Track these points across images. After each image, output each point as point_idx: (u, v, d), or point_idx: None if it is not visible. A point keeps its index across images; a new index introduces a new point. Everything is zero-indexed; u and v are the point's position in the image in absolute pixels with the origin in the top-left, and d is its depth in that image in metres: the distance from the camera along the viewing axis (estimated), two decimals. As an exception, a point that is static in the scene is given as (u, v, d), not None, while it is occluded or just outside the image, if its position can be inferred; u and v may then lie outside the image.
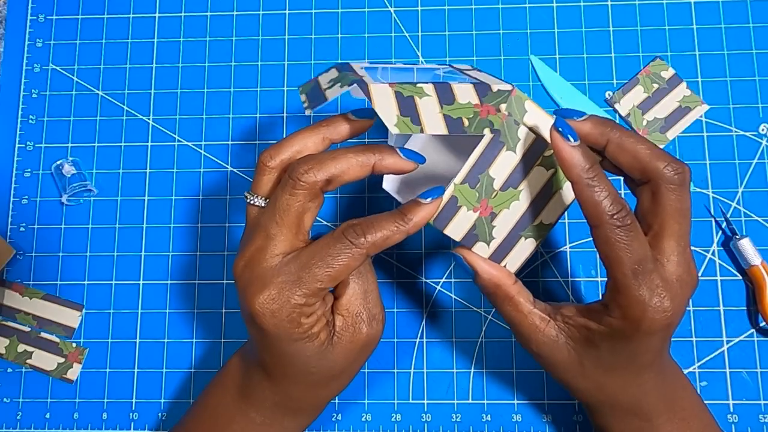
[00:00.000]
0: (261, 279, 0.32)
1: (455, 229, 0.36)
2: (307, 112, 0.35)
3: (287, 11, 0.50)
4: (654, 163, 0.33)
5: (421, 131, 0.33)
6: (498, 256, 0.37)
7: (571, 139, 0.32)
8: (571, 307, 0.35)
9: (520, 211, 0.36)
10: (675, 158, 0.33)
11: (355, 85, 0.33)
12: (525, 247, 0.36)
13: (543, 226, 0.36)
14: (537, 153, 0.35)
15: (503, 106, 0.33)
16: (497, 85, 0.33)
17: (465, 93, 0.33)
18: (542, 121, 0.34)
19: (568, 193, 0.36)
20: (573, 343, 0.35)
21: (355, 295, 0.34)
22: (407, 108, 0.33)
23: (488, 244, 0.36)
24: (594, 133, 0.34)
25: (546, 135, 0.34)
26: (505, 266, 0.37)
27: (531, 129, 0.35)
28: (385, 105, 0.33)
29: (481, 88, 0.33)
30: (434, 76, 0.39)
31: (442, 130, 0.33)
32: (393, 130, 0.33)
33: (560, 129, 0.32)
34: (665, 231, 0.33)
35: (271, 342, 0.33)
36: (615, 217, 0.31)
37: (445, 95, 0.33)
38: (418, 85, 0.33)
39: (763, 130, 0.46)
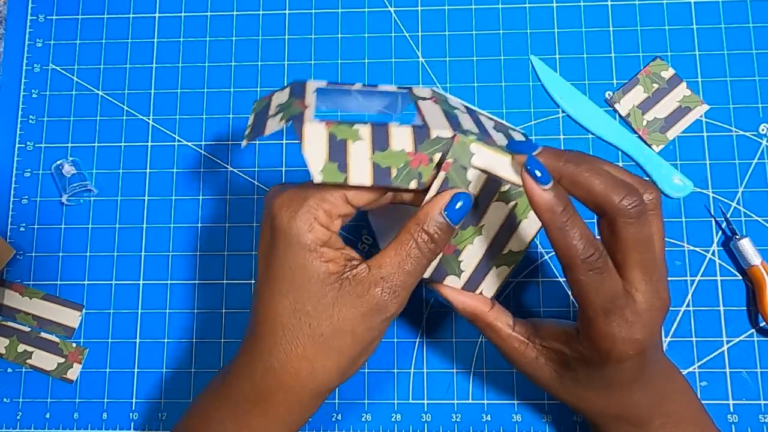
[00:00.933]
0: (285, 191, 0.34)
1: None
2: (243, 144, 0.33)
3: (287, 11, 0.50)
4: (609, 198, 0.31)
5: (345, 181, 0.31)
6: (471, 285, 0.36)
7: (544, 184, 0.31)
8: (548, 329, 0.36)
9: (485, 244, 0.35)
10: (634, 188, 0.31)
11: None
12: (499, 273, 0.36)
13: (513, 253, 0.36)
14: (492, 190, 0.33)
15: (437, 156, 0.32)
16: (437, 131, 0.32)
17: (401, 138, 0.32)
18: (493, 159, 0.33)
19: (533, 221, 0.35)
20: (552, 364, 0.36)
21: (390, 260, 0.33)
22: (337, 153, 0.31)
23: (459, 277, 0.36)
24: (548, 166, 0.32)
25: (499, 172, 0.33)
26: (480, 293, 0.37)
27: (482, 170, 0.33)
28: (315, 148, 0.31)
29: (419, 134, 0.32)
30: (390, 104, 0.37)
31: (367, 181, 0.32)
32: (317, 178, 0.31)
33: (531, 170, 0.31)
34: (628, 263, 0.32)
35: (281, 249, 0.32)
36: (588, 260, 0.31)
37: (380, 140, 0.32)
38: (355, 126, 0.32)
39: (763, 130, 0.46)
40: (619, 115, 0.47)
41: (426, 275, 0.36)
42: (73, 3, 0.51)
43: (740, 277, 0.44)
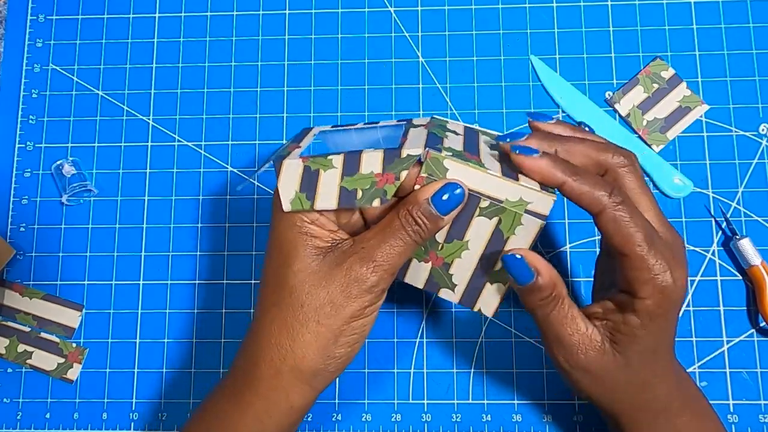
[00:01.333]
0: None
1: (414, 278, 0.36)
2: (239, 187, 0.36)
3: (287, 11, 0.50)
4: (603, 156, 0.34)
5: (311, 207, 0.33)
6: (467, 300, 0.36)
7: (533, 154, 0.32)
8: (596, 308, 0.35)
9: (474, 258, 0.35)
10: (614, 146, 0.34)
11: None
12: (496, 290, 0.36)
13: (504, 271, 0.35)
14: (472, 206, 0.33)
15: (404, 173, 0.32)
16: (408, 150, 0.32)
17: (371, 161, 0.33)
18: (468, 174, 0.33)
19: (521, 238, 0.34)
20: (616, 345, 0.34)
21: (373, 234, 0.33)
22: (308, 183, 0.33)
23: (453, 290, 0.36)
24: (542, 148, 0.34)
25: (475, 187, 0.33)
26: (479, 310, 0.36)
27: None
28: (289, 181, 0.34)
29: (389, 155, 0.33)
30: (389, 137, 0.38)
31: (333, 205, 0.33)
32: (286, 207, 0.33)
33: (517, 150, 0.33)
34: (641, 208, 0.33)
35: (275, 226, 0.34)
36: (612, 197, 0.32)
37: (351, 166, 0.33)
38: (329, 156, 0.33)
39: (763, 130, 0.46)
40: (619, 115, 0.47)
41: (419, 285, 0.36)
42: (73, 3, 0.51)
43: (740, 277, 0.44)
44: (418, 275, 0.36)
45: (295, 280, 0.33)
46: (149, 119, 0.49)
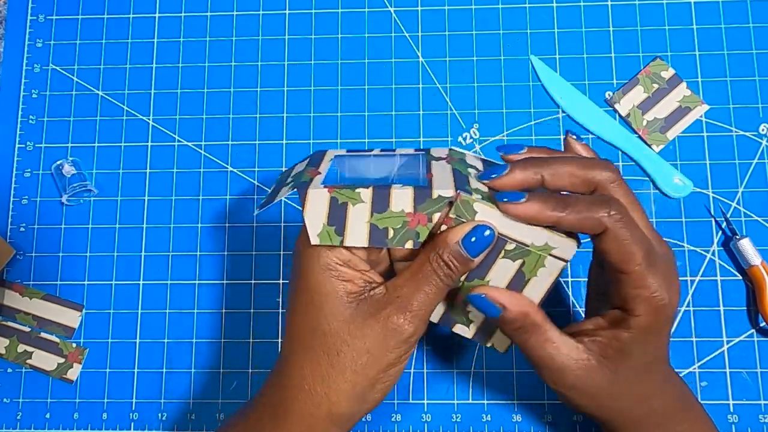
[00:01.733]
0: None
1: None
2: (256, 212, 0.34)
3: (287, 11, 0.50)
4: (590, 174, 0.33)
5: (341, 243, 0.32)
6: (481, 337, 0.36)
7: (519, 200, 0.31)
8: (592, 323, 0.34)
9: None
10: (599, 161, 0.34)
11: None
12: None
13: None
14: (499, 248, 0.33)
15: (437, 215, 0.32)
16: (439, 190, 0.32)
17: (401, 199, 0.32)
18: (495, 217, 0.32)
19: (542, 279, 0.34)
20: (606, 360, 0.33)
21: (406, 281, 0.33)
22: (336, 216, 0.32)
23: (468, 326, 0.36)
24: (528, 178, 0.33)
25: (503, 231, 0.32)
26: (492, 345, 0.36)
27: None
28: (316, 212, 0.32)
29: (420, 194, 0.32)
30: (407, 166, 0.37)
31: (364, 243, 0.32)
32: (314, 240, 0.32)
33: (504, 199, 0.32)
34: (633, 223, 0.33)
35: (303, 270, 0.33)
36: (611, 216, 0.31)
37: (380, 202, 0.32)
38: (357, 189, 0.32)
39: (763, 130, 0.46)
40: (619, 115, 0.47)
41: (435, 320, 0.36)
42: (73, 3, 0.51)
43: (740, 277, 0.44)
44: (435, 311, 0.35)
45: (329, 326, 0.32)
46: (149, 119, 0.49)
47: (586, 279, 0.39)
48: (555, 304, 0.44)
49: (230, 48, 0.50)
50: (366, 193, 0.32)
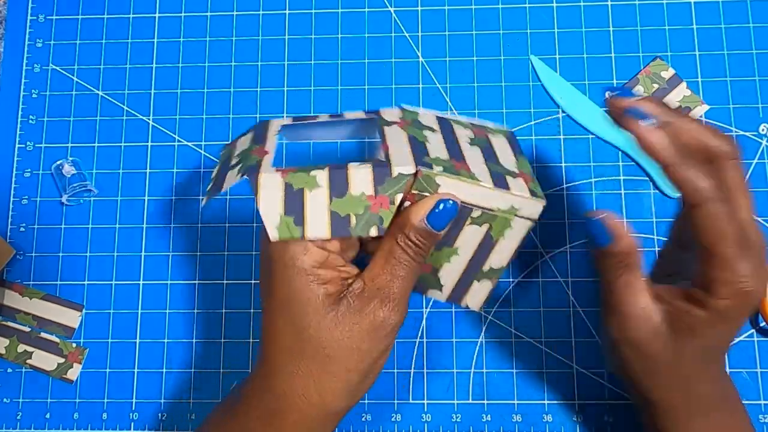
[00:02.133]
0: None
1: None
2: (203, 202, 0.32)
3: (287, 11, 0.50)
4: (714, 142, 0.31)
5: (302, 236, 0.31)
6: (455, 298, 0.36)
7: (649, 121, 0.30)
8: (674, 290, 0.33)
9: (464, 262, 0.35)
10: (724, 133, 0.32)
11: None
12: (482, 287, 0.36)
13: (494, 270, 0.35)
14: (464, 216, 0.33)
15: (398, 197, 0.31)
16: (399, 167, 0.31)
17: (360, 180, 0.31)
18: (459, 187, 0.32)
19: (510, 239, 0.34)
20: (675, 333, 0.32)
21: (381, 269, 0.33)
22: (293, 204, 0.30)
23: (440, 290, 0.36)
24: (657, 113, 0.32)
25: (469, 200, 0.32)
26: (466, 305, 0.36)
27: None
28: (271, 201, 0.31)
29: (380, 173, 0.31)
30: (356, 132, 0.36)
31: (326, 234, 0.31)
32: (273, 235, 0.30)
33: (633, 114, 0.31)
34: (739, 205, 0.32)
35: (279, 274, 0.32)
36: (714, 192, 0.30)
37: (339, 183, 0.31)
38: (312, 173, 0.31)
39: (763, 130, 0.46)
40: (619, 115, 0.47)
41: None
42: (73, 3, 0.51)
43: (740, 277, 0.44)
44: None
45: (315, 332, 0.32)
46: (149, 119, 0.49)
47: (656, 258, 0.38)
48: (555, 304, 0.44)
49: (230, 48, 0.50)
50: (322, 176, 0.31)
